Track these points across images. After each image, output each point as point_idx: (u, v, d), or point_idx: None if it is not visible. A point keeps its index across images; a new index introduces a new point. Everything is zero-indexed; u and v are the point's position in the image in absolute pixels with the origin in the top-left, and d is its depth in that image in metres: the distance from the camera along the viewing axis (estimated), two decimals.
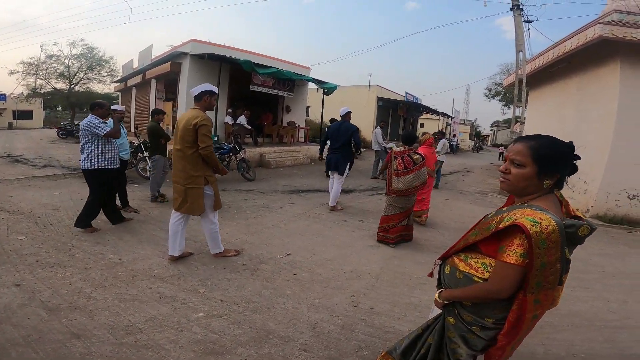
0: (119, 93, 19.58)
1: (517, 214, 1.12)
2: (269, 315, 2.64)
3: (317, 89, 12.73)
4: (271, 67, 9.50)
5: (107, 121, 4.38)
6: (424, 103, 23.92)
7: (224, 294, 2.91)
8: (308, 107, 19.81)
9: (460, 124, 33.58)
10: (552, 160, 1.16)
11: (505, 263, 1.11)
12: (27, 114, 33.79)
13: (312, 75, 12.85)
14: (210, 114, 9.07)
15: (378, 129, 9.15)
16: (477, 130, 61.93)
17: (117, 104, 21.54)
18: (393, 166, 4.06)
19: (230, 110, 10.83)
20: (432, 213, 5.90)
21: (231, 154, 7.96)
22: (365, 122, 18.51)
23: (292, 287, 3.10)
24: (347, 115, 5.72)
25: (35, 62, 22.49)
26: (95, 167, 4.11)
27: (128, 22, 66.62)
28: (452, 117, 24.51)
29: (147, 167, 7.58)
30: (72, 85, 23.76)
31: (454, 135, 23.77)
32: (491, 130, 69.49)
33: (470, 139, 37.71)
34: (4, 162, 10.02)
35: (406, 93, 24.22)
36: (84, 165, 4.12)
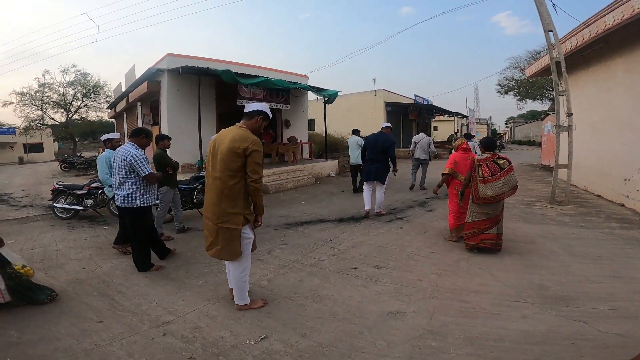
0: (113, 120, 18.86)
1: None
2: None
3: (317, 98, 11.51)
4: (258, 76, 8.31)
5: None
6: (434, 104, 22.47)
7: None
8: (313, 120, 18.66)
9: (476, 123, 31.78)
10: None
11: None
12: (38, 147, 33.99)
13: (311, 85, 11.63)
14: (194, 136, 7.85)
15: (428, 137, 8.58)
16: (492, 128, 59.79)
17: (113, 131, 20.90)
18: (479, 173, 3.99)
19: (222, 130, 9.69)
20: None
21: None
22: (375, 130, 17.16)
23: None
24: (387, 129, 6.18)
25: (28, 92, 21.95)
26: (141, 205, 3.77)
27: (95, 40, 66.74)
28: (467, 117, 22.82)
29: None
30: (70, 115, 23.16)
31: (473, 136, 22.00)
32: (507, 127, 67.12)
33: None
34: None
35: (415, 95, 22.86)
36: (126, 203, 3.73)
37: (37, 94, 21.88)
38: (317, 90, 10.20)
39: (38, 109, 22.34)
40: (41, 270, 3.94)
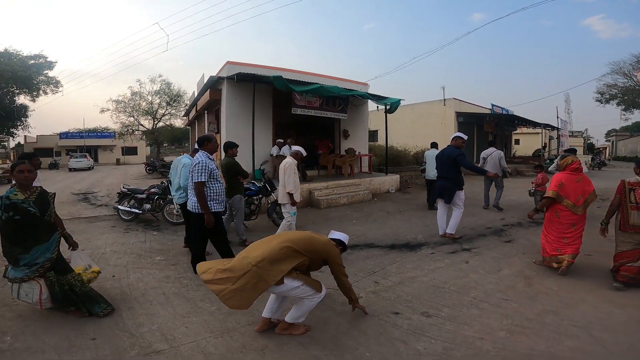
0: (189, 127, 20.29)
1: None
2: None
3: (377, 107, 10.78)
4: (312, 83, 7.91)
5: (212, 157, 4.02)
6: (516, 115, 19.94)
7: None
8: (375, 132, 17.85)
9: (569, 136, 27.67)
10: None
11: None
12: (133, 150, 38.91)
13: (371, 93, 10.94)
14: (248, 145, 7.69)
15: (499, 152, 7.99)
16: (589, 142, 52.41)
17: (189, 138, 22.51)
18: (630, 198, 3.55)
19: (280, 140, 9.51)
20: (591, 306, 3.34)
21: (261, 196, 6.41)
22: (445, 143, 15.70)
23: None
24: (455, 140, 5.49)
25: (123, 100, 24.73)
26: (212, 211, 3.78)
27: (166, 50, 72.65)
28: (559, 129, 19.75)
29: (174, 212, 6.81)
30: (156, 122, 25.59)
31: (575, 150, 18.95)
32: (607, 140, 58.39)
33: (584, 153, 30.90)
34: (72, 200, 10.60)
35: (492, 105, 20.63)
36: (195, 208, 3.82)
37: (130, 102, 24.65)
38: (377, 98, 9.47)
39: (131, 116, 25.14)
40: None
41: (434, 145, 8.46)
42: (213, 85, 9.57)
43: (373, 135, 17.58)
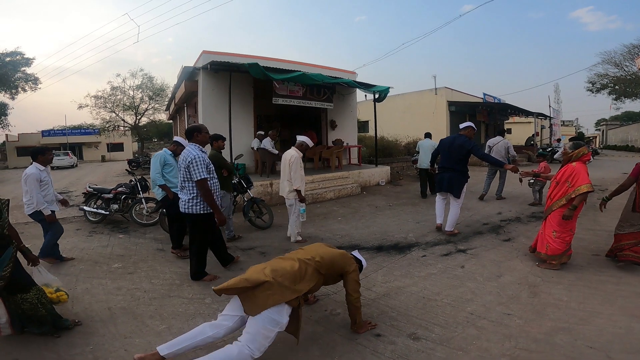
0: (172, 122, 19.53)
1: None
2: None
3: (365, 96, 10.25)
4: (293, 71, 7.31)
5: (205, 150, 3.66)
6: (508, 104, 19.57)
7: None
8: (366, 122, 17.32)
9: (560, 125, 27.54)
10: None
11: None
12: (119, 147, 37.74)
13: (358, 81, 10.35)
14: (226, 138, 7.19)
15: (506, 141, 7.77)
16: (579, 131, 52.77)
17: (172, 133, 21.65)
18: None
19: (261, 132, 8.92)
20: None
21: (236, 193, 5.87)
22: (437, 133, 15.27)
23: None
24: (466, 130, 5.02)
25: (102, 95, 23.64)
26: (201, 212, 3.46)
27: (137, 41, 71.29)
28: (551, 118, 19.43)
29: (144, 212, 6.33)
30: (139, 117, 24.62)
31: (558, 140, 18.75)
32: (597, 130, 58.88)
33: None
34: None
35: (484, 94, 20.25)
36: (187, 208, 3.46)
37: (111, 97, 23.59)
38: (365, 86, 8.88)
39: (111, 111, 24.09)
40: None
41: (427, 135, 8.44)
42: (189, 77, 8.92)
43: (363, 126, 17.07)
